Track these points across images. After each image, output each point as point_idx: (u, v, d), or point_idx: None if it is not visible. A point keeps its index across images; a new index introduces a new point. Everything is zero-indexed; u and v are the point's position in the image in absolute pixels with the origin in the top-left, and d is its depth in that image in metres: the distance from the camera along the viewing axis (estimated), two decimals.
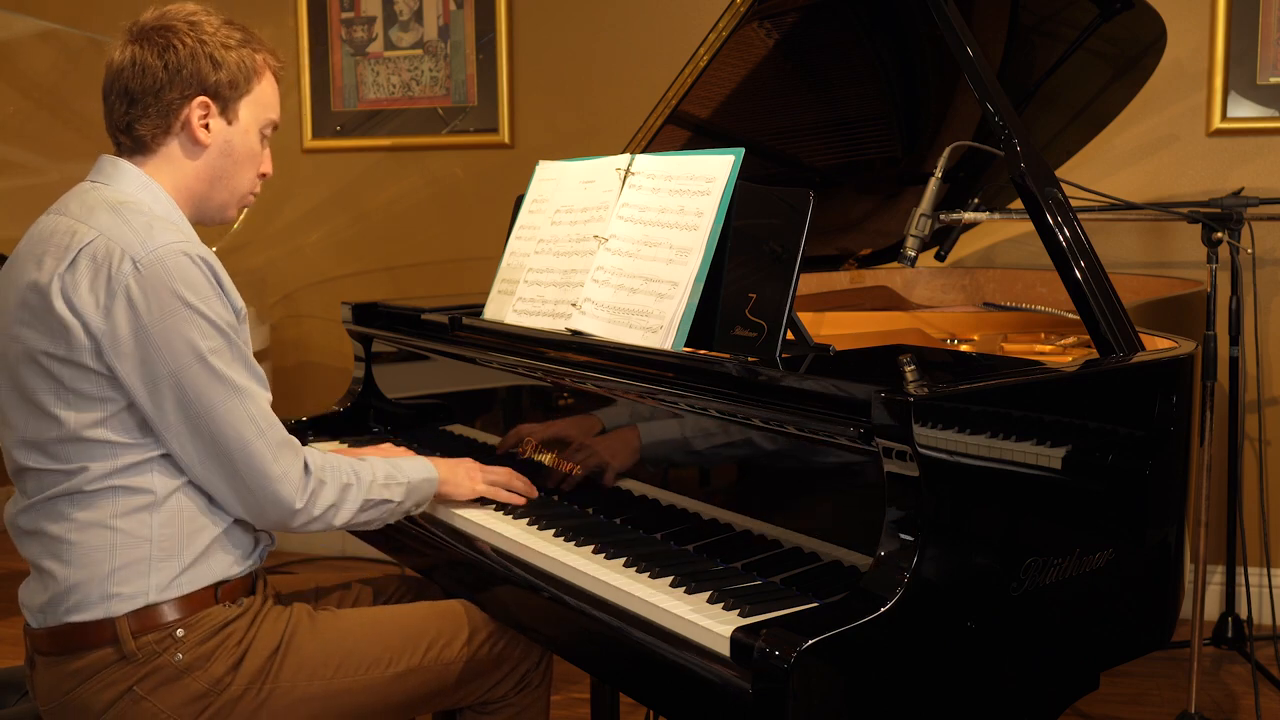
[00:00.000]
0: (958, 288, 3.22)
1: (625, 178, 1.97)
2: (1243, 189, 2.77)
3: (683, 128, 2.37)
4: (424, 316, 2.32)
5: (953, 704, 1.46)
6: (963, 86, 2.52)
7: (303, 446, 1.71)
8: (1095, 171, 3.48)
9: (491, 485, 1.97)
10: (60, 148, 4.08)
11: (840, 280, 3.10)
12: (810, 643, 1.29)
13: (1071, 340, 2.29)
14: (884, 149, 2.72)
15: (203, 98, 1.70)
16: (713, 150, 1.85)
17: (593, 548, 1.74)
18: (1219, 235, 2.63)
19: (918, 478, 1.38)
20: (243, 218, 1.87)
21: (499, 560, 1.81)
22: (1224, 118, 3.47)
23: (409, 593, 2.05)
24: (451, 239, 4.19)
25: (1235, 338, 2.82)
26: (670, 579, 1.59)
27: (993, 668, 1.50)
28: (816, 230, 1.68)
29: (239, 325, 1.67)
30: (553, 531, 1.82)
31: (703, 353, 1.75)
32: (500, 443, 2.15)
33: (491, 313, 2.18)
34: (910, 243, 2.16)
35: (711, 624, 1.42)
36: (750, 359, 1.63)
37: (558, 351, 1.95)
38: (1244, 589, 3.15)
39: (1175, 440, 1.71)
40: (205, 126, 1.71)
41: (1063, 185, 1.86)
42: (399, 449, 2.14)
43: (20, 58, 4.24)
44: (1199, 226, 2.69)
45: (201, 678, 1.63)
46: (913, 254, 2.16)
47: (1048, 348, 2.27)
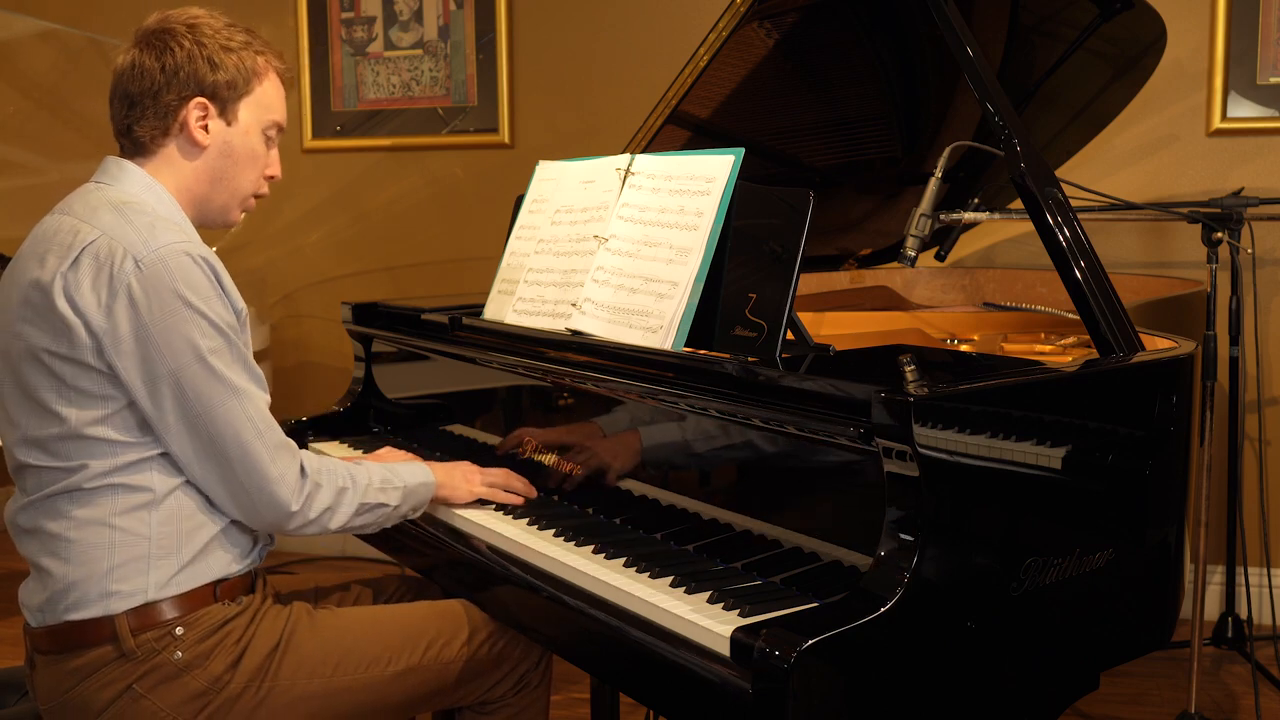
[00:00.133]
0: (958, 288, 3.22)
1: (625, 178, 1.97)
2: (1243, 189, 2.77)
3: (683, 128, 2.37)
4: (424, 316, 2.32)
5: (953, 704, 1.46)
6: (963, 86, 2.52)
7: (300, 450, 1.71)
8: (1095, 171, 3.48)
9: (490, 487, 1.97)
10: (60, 148, 4.09)
11: (840, 280, 3.10)
12: (810, 643, 1.29)
13: (1071, 340, 2.29)
14: (884, 149, 2.72)
15: (200, 99, 1.70)
16: (713, 150, 1.85)
17: (593, 548, 1.74)
18: (1219, 235, 2.63)
19: (918, 478, 1.38)
20: (243, 218, 1.87)
21: (498, 560, 1.81)
22: (1224, 118, 3.47)
23: (409, 593, 2.05)
24: (451, 239, 4.19)
25: (1235, 338, 2.82)
26: (670, 579, 1.59)
27: (993, 668, 1.50)
28: (816, 230, 1.68)
29: (240, 326, 1.67)
30: (553, 531, 1.82)
31: (703, 353, 1.75)
32: (500, 443, 2.15)
33: (491, 313, 2.18)
34: (910, 243, 2.16)
35: (711, 624, 1.42)
36: (750, 359, 1.63)
37: (558, 351, 1.95)
38: (1244, 589, 3.15)
39: (1175, 440, 1.71)
40: (204, 128, 1.72)
41: (1063, 185, 1.86)
42: (400, 452, 2.13)
43: (20, 58, 4.24)
44: (1199, 226, 2.69)
45: (201, 676, 1.63)
46: (913, 254, 2.16)
47: (1048, 348, 2.27)
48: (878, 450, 1.41)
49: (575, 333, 1.91)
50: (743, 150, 1.81)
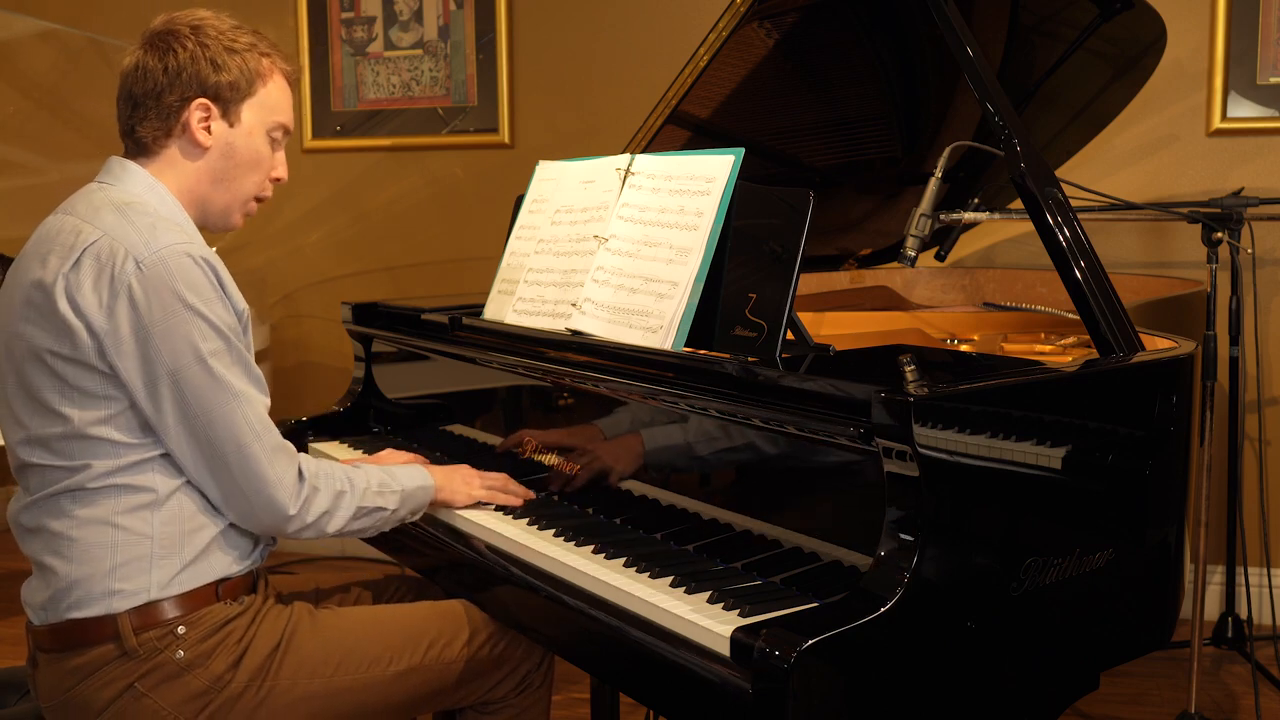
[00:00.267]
0: (958, 288, 3.22)
1: (625, 178, 1.97)
2: (1243, 189, 2.77)
3: (683, 128, 2.37)
4: (424, 316, 2.32)
5: (953, 704, 1.46)
6: (963, 86, 2.52)
7: (298, 453, 1.71)
8: (1095, 171, 3.48)
9: (489, 490, 1.97)
10: (60, 148, 4.08)
11: (840, 280, 3.10)
12: (810, 643, 1.29)
13: (1071, 340, 2.29)
14: (884, 149, 2.72)
15: (202, 100, 1.70)
16: (713, 150, 1.85)
17: (593, 548, 1.74)
18: (1219, 235, 2.63)
19: (918, 478, 1.38)
20: (244, 222, 1.86)
21: (499, 560, 1.81)
22: (1224, 118, 3.47)
23: (409, 593, 2.05)
24: (451, 239, 4.19)
25: (1235, 338, 2.82)
26: (670, 579, 1.59)
27: (993, 668, 1.50)
28: (816, 230, 1.68)
29: (241, 327, 1.67)
30: (553, 531, 1.82)
31: (703, 353, 1.75)
32: (500, 443, 2.15)
33: (491, 313, 2.18)
34: (910, 243, 2.16)
35: (711, 624, 1.42)
36: (750, 359, 1.63)
37: (558, 351, 1.95)
38: (1244, 589, 3.15)
39: (1175, 440, 1.71)
40: (206, 129, 1.72)
41: (1063, 185, 1.86)
42: (401, 453, 2.13)
43: (20, 58, 4.24)
44: (1199, 226, 2.69)
45: (202, 675, 1.63)
46: (913, 254, 2.16)
47: (1048, 348, 2.27)
48: (878, 450, 1.41)
49: (575, 333, 1.92)
50: (743, 150, 1.81)
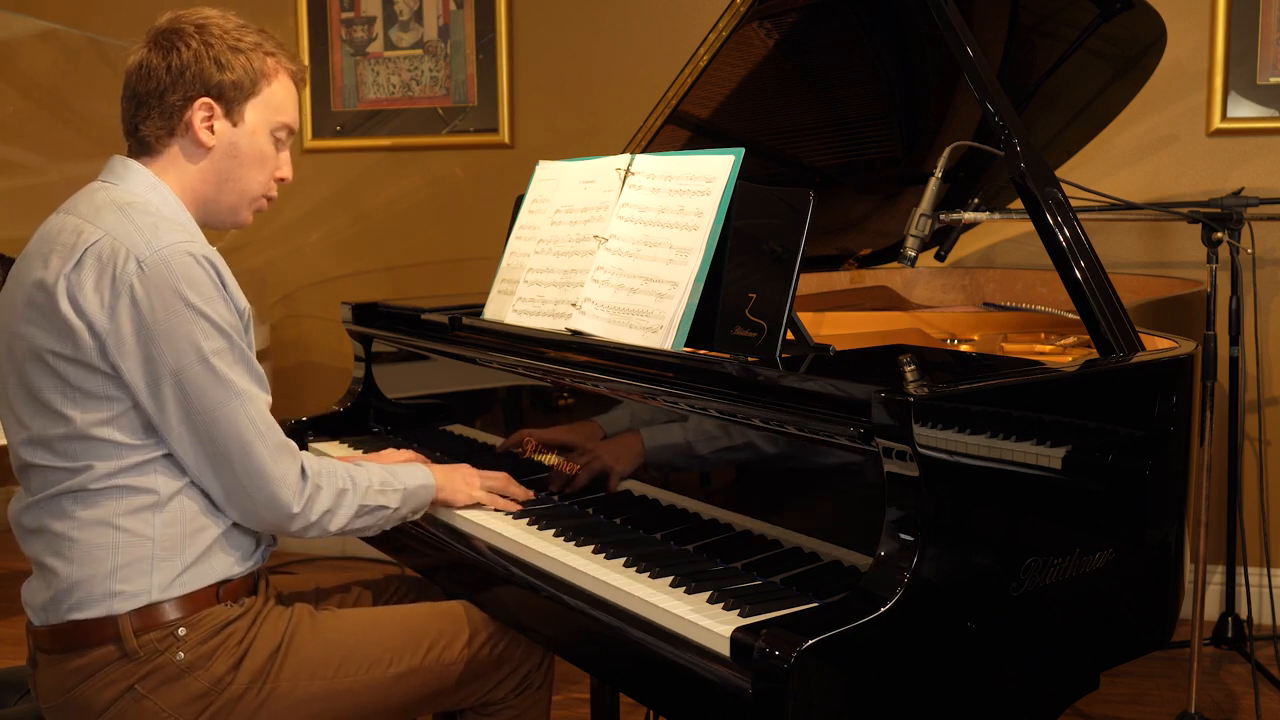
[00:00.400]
0: (958, 288, 3.22)
1: (625, 178, 1.97)
2: (1243, 189, 2.77)
3: (683, 128, 2.37)
4: (424, 316, 2.32)
5: (953, 704, 1.46)
6: (963, 86, 2.52)
7: (300, 451, 1.71)
8: (1095, 171, 3.48)
9: (488, 492, 1.97)
10: (60, 148, 4.08)
11: (840, 280, 3.10)
12: (810, 643, 1.29)
13: (1071, 340, 2.29)
14: (884, 149, 2.72)
15: (206, 99, 1.70)
16: (713, 150, 1.85)
17: (593, 548, 1.74)
18: (1219, 235, 2.63)
19: (918, 478, 1.38)
20: (254, 219, 1.85)
21: (499, 560, 1.81)
22: (1224, 118, 3.47)
23: (409, 593, 2.05)
24: (451, 239, 4.19)
25: (1235, 338, 2.82)
26: (670, 579, 1.59)
27: (993, 668, 1.50)
28: (816, 230, 1.68)
29: (243, 326, 1.67)
30: (553, 531, 1.82)
31: (703, 353, 1.75)
32: (500, 443, 2.15)
33: (491, 313, 2.18)
34: (910, 243, 2.16)
35: (711, 624, 1.42)
36: (750, 359, 1.63)
37: (558, 351, 1.95)
38: (1244, 589, 3.15)
39: (1175, 440, 1.71)
40: (209, 129, 1.71)
41: (1063, 185, 1.86)
42: (401, 452, 2.14)
43: (20, 58, 4.24)
44: (1199, 226, 2.69)
45: (203, 677, 1.63)
46: (913, 254, 2.16)
47: (1048, 348, 2.27)
48: (878, 450, 1.41)
49: (575, 333, 1.92)
50: (743, 150, 1.81)
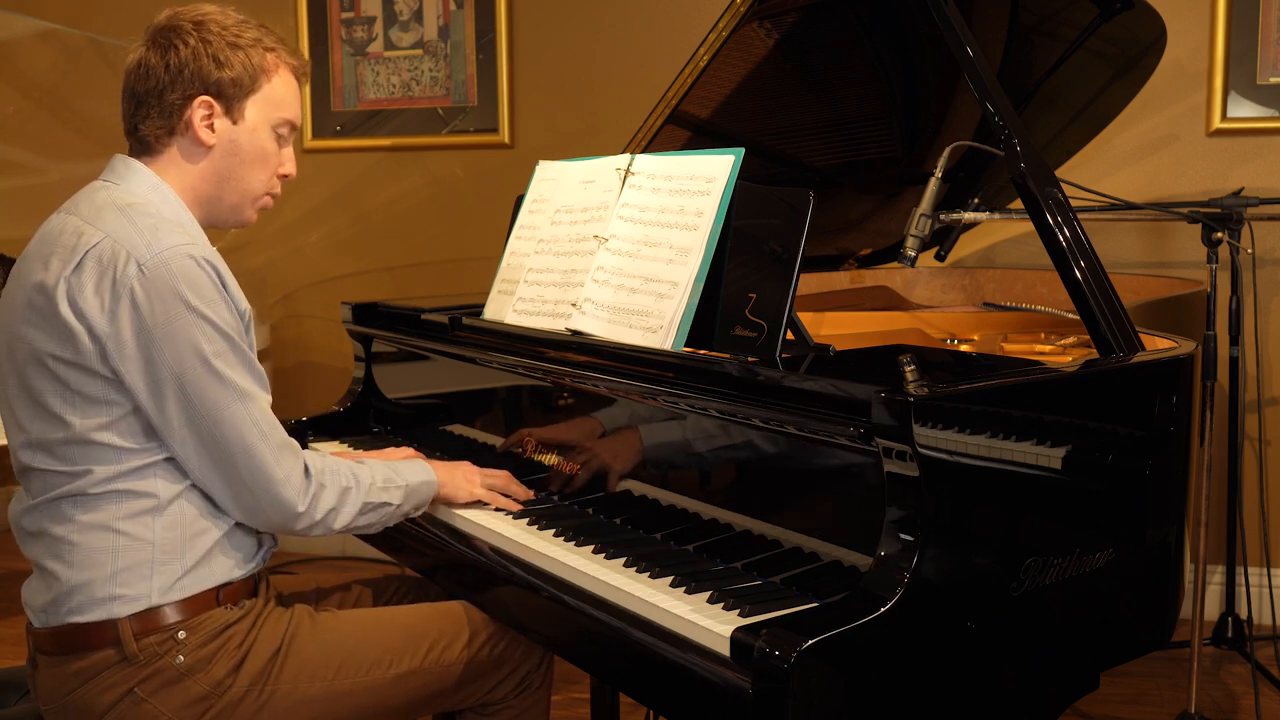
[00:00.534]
0: (958, 288, 3.22)
1: (625, 178, 1.97)
2: (1243, 189, 2.77)
3: (683, 128, 2.37)
4: (424, 316, 2.32)
5: (953, 704, 1.46)
6: (963, 86, 2.52)
7: (302, 449, 1.71)
8: (1095, 171, 3.48)
9: (489, 490, 1.97)
10: (60, 148, 4.08)
11: (840, 280, 3.10)
12: (810, 643, 1.29)
13: (1071, 340, 2.29)
14: (884, 149, 2.72)
15: (205, 97, 1.69)
16: (713, 150, 1.85)
17: (593, 548, 1.74)
18: (1219, 235, 2.63)
19: (918, 478, 1.38)
20: (257, 217, 1.84)
21: (499, 560, 1.81)
22: (1224, 118, 3.47)
23: (409, 593, 2.05)
24: (451, 239, 4.19)
25: (1235, 338, 2.82)
26: (670, 579, 1.59)
27: (993, 668, 1.50)
28: (816, 230, 1.68)
29: (243, 327, 1.66)
30: (553, 531, 1.82)
31: (703, 353, 1.75)
32: (500, 443, 2.15)
33: (491, 313, 2.18)
34: (910, 243, 2.16)
35: (711, 624, 1.42)
36: (750, 359, 1.63)
37: (558, 351, 1.95)
38: (1244, 589, 3.15)
39: (1175, 440, 1.71)
40: (209, 127, 1.70)
41: (1063, 185, 1.86)
42: (401, 450, 2.14)
43: (20, 58, 4.24)
44: (1199, 226, 2.69)
45: (203, 680, 1.63)
46: (913, 254, 2.16)
47: (1048, 348, 2.27)
48: (878, 450, 1.41)
49: (575, 333, 1.91)
50: (743, 150, 1.81)
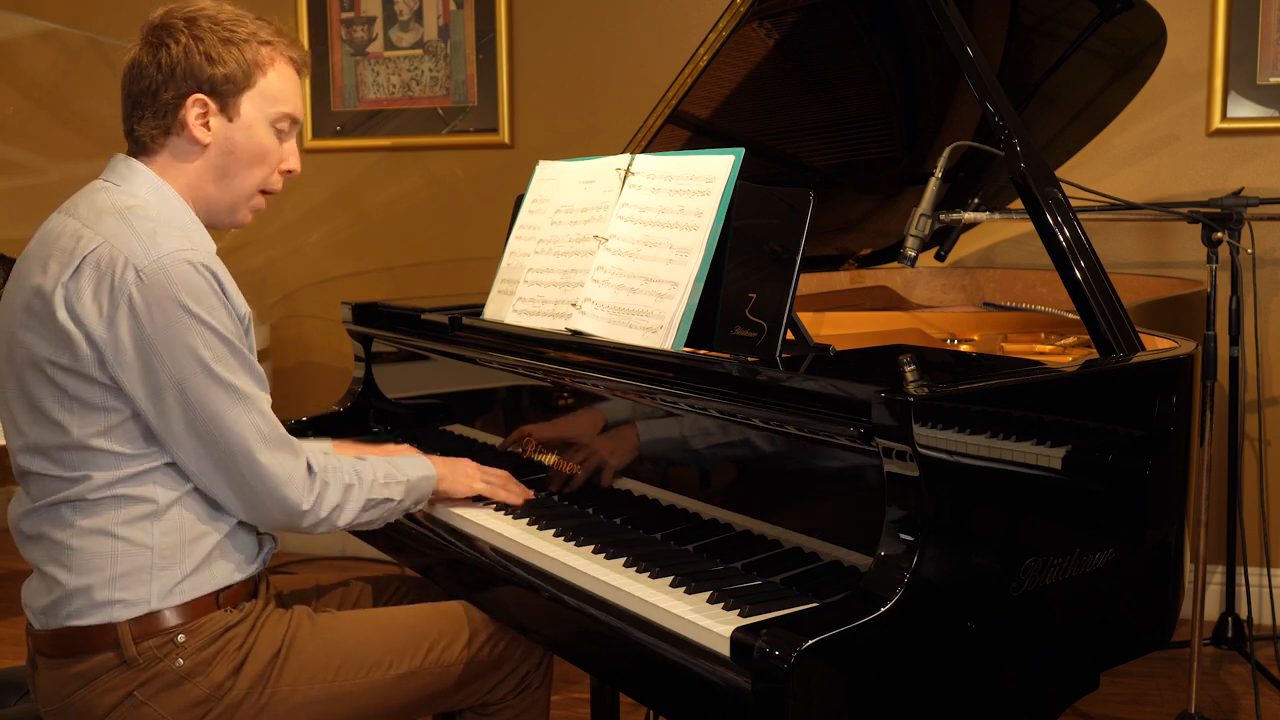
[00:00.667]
0: (958, 288, 3.22)
1: (625, 178, 1.97)
2: (1243, 189, 2.77)
3: (683, 128, 2.37)
4: (424, 316, 2.32)
5: (953, 704, 1.46)
6: (963, 86, 2.52)
7: (304, 448, 1.71)
8: (1095, 171, 3.48)
9: (489, 485, 1.97)
10: (60, 148, 4.08)
11: (840, 280, 3.10)
12: (810, 643, 1.29)
13: (1071, 340, 2.29)
14: (884, 149, 2.72)
15: (199, 95, 1.66)
16: (713, 150, 1.85)
17: (593, 548, 1.74)
18: (1219, 235, 2.63)
19: (918, 478, 1.38)
20: (252, 218, 1.82)
21: (499, 560, 1.81)
22: (1224, 118, 3.47)
23: (409, 593, 2.05)
24: (451, 239, 4.19)
25: (1235, 338, 2.82)
26: (670, 579, 1.59)
27: (993, 668, 1.50)
28: (816, 230, 1.68)
29: (243, 331, 1.65)
30: (553, 531, 1.82)
31: (703, 353, 1.75)
32: (500, 443, 2.15)
33: (491, 313, 2.18)
34: (910, 243, 2.16)
35: (711, 624, 1.42)
36: (750, 359, 1.63)
37: (558, 351, 1.95)
38: (1244, 589, 3.15)
39: (1175, 440, 1.70)
40: (204, 125, 1.67)
41: (1063, 185, 1.86)
42: (401, 446, 2.13)
43: (20, 58, 4.23)
44: (1199, 226, 2.69)
45: (202, 683, 1.62)
46: (913, 254, 2.16)
47: (1048, 348, 2.27)
48: (878, 450, 1.41)
49: (575, 333, 1.91)
50: (743, 150, 1.81)
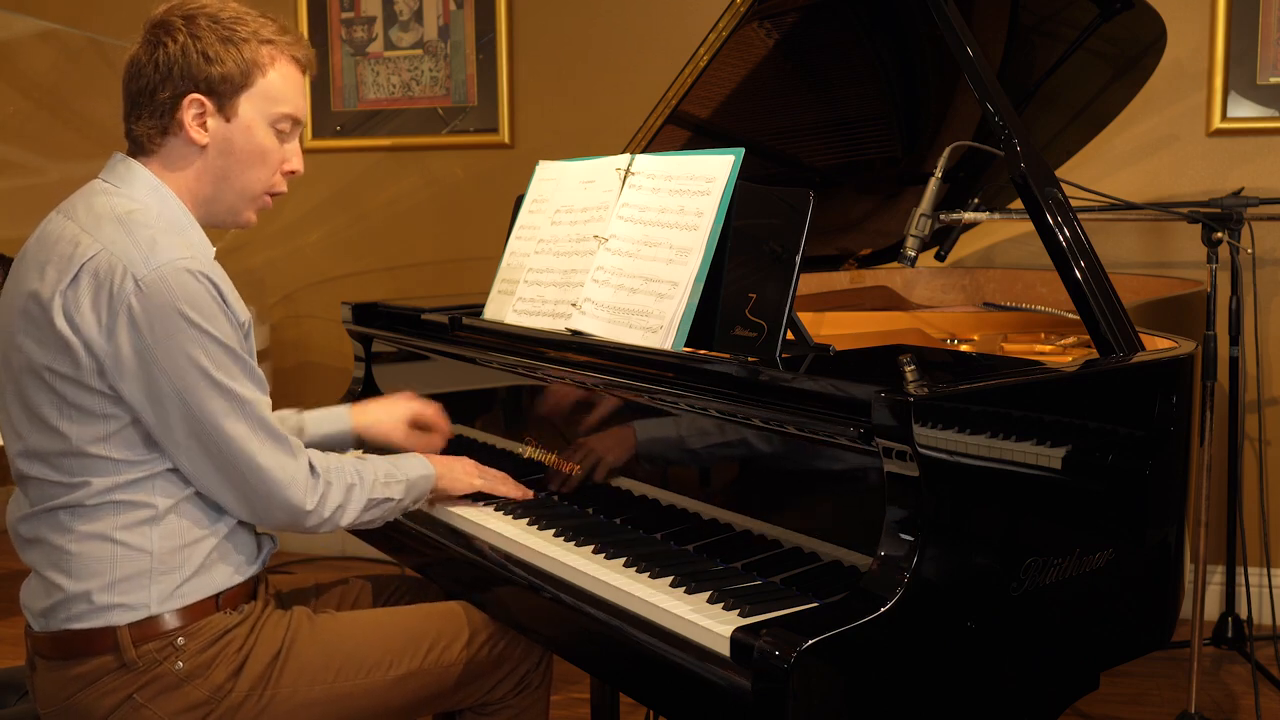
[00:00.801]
0: (958, 288, 3.22)
1: (625, 178, 1.97)
2: (1243, 189, 2.77)
3: (683, 128, 2.37)
4: (424, 316, 2.32)
5: (953, 704, 1.46)
6: (963, 86, 2.52)
7: (305, 449, 1.71)
8: (1095, 171, 3.48)
9: (487, 481, 1.97)
10: (60, 148, 4.08)
11: (840, 280, 3.10)
12: (810, 643, 1.29)
13: (1071, 340, 2.29)
14: (884, 149, 2.72)
15: (196, 95, 1.63)
16: (713, 150, 1.85)
17: (593, 547, 1.74)
18: (1219, 235, 2.63)
19: (918, 478, 1.38)
20: (257, 218, 1.80)
21: (499, 560, 1.81)
22: (1224, 118, 3.47)
23: (409, 593, 2.05)
24: (451, 239, 4.19)
25: (1235, 338, 2.82)
26: (670, 579, 1.59)
27: (993, 668, 1.50)
28: (816, 230, 1.68)
29: (243, 336, 1.64)
30: (553, 531, 1.82)
31: (703, 353, 1.75)
32: (500, 443, 2.15)
33: (491, 313, 2.18)
34: (910, 243, 2.16)
35: (711, 624, 1.42)
36: (750, 359, 1.63)
37: (558, 351, 1.95)
38: (1244, 589, 3.15)
39: (1175, 440, 1.71)
40: (202, 126, 1.65)
41: (1063, 185, 1.86)
42: None
43: (20, 58, 4.23)
44: (1199, 226, 2.69)
45: (202, 685, 1.62)
46: (913, 254, 2.16)
47: (1048, 348, 2.27)
48: (878, 450, 1.41)
49: (575, 333, 1.91)
50: (743, 150, 1.81)
